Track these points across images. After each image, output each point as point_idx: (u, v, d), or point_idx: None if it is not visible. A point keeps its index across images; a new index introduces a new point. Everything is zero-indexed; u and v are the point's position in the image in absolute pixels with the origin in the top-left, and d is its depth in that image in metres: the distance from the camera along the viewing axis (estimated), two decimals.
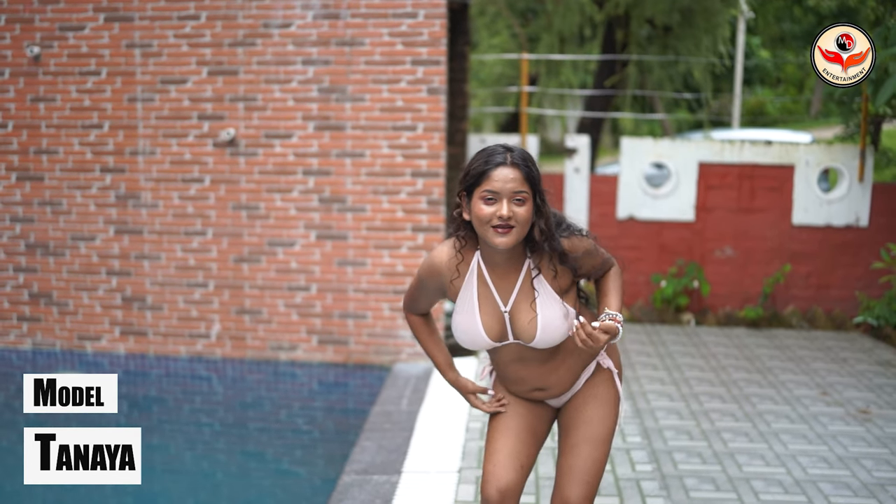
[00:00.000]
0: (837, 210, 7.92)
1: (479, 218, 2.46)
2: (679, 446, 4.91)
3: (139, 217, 6.58)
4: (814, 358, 6.85)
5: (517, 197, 2.44)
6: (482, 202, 2.45)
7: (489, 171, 2.44)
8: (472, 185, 2.48)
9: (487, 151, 2.51)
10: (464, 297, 2.62)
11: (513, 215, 2.43)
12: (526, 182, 2.45)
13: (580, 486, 2.71)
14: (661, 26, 11.01)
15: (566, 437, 2.78)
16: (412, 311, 2.89)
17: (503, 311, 2.60)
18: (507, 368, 2.74)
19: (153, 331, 6.67)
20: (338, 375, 6.53)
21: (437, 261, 2.65)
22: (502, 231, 2.45)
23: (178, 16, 6.36)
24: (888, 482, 4.43)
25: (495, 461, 2.69)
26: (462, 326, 2.62)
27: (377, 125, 6.37)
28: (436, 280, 2.67)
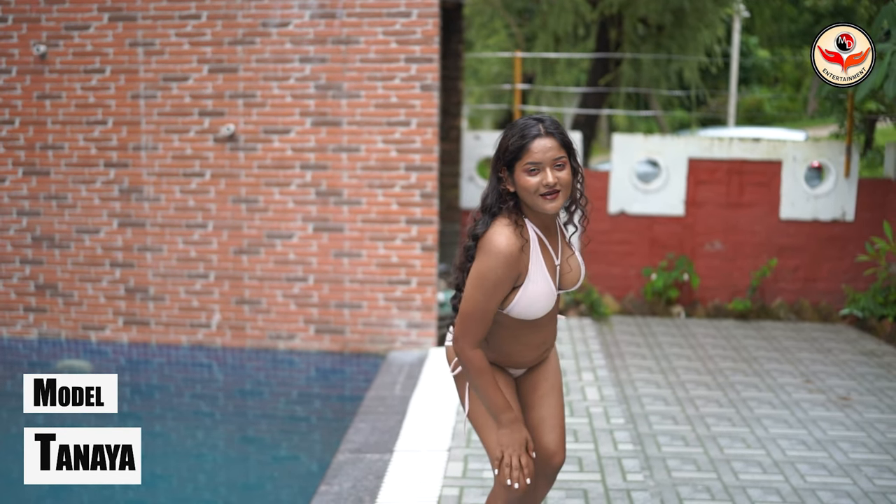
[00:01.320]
0: (824, 205, 8.08)
1: (526, 189, 2.63)
2: (663, 430, 5.08)
3: (142, 210, 6.77)
4: (799, 348, 7.01)
5: (557, 163, 2.63)
6: (526, 174, 2.62)
7: (527, 144, 2.61)
8: (512, 159, 2.65)
9: (520, 126, 2.66)
10: (535, 272, 2.71)
11: (557, 181, 2.63)
12: (562, 148, 2.65)
13: (555, 431, 2.96)
14: (654, 25, 11.17)
15: (534, 391, 2.97)
16: (476, 341, 2.71)
17: (557, 264, 2.79)
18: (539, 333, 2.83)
19: (155, 320, 6.86)
20: (334, 363, 6.71)
21: (510, 248, 2.63)
22: (551, 197, 2.64)
23: (179, 15, 6.54)
24: (863, 463, 4.61)
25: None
26: (538, 300, 2.71)
27: (372, 121, 6.55)
28: (515, 269, 2.66)
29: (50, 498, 4.65)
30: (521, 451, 2.73)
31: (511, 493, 2.80)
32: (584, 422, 5.06)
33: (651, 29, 11.25)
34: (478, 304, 2.66)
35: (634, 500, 3.99)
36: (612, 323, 7.80)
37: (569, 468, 4.35)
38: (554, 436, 2.97)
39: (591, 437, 4.82)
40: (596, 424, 5.04)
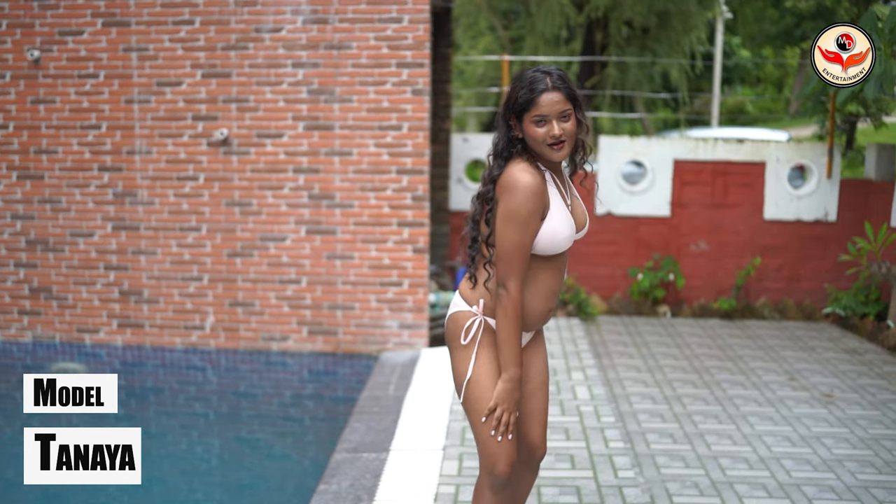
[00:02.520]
0: (807, 205, 8.24)
1: (534, 139, 2.79)
2: (652, 427, 5.19)
3: (136, 214, 6.83)
4: (783, 347, 7.15)
5: (563, 115, 2.78)
6: (534, 125, 2.77)
7: (535, 98, 2.75)
8: (521, 110, 2.78)
9: (529, 79, 2.79)
10: (556, 205, 2.86)
11: (563, 132, 2.78)
12: (568, 100, 2.78)
13: (540, 426, 3.12)
14: (639, 28, 11.31)
15: (525, 383, 3.07)
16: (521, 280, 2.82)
17: (567, 205, 2.90)
18: (556, 279, 2.94)
19: (149, 323, 6.92)
20: (327, 364, 6.79)
21: (535, 180, 2.77)
22: (557, 147, 2.79)
23: (173, 21, 6.61)
24: (846, 458, 4.74)
25: (503, 445, 2.93)
26: (562, 231, 2.84)
27: (364, 125, 6.64)
28: (542, 200, 2.79)
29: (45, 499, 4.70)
30: (513, 409, 2.88)
31: (495, 479, 2.94)
32: (576, 420, 5.16)
33: (636, 31, 11.39)
34: (514, 241, 2.77)
35: (626, 496, 4.10)
36: (599, 323, 7.92)
37: (561, 465, 4.46)
38: (539, 430, 3.12)
39: (583, 435, 4.93)
40: (587, 423, 5.15)
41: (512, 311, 2.81)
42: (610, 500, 4.06)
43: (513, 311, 2.82)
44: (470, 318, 2.97)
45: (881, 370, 6.44)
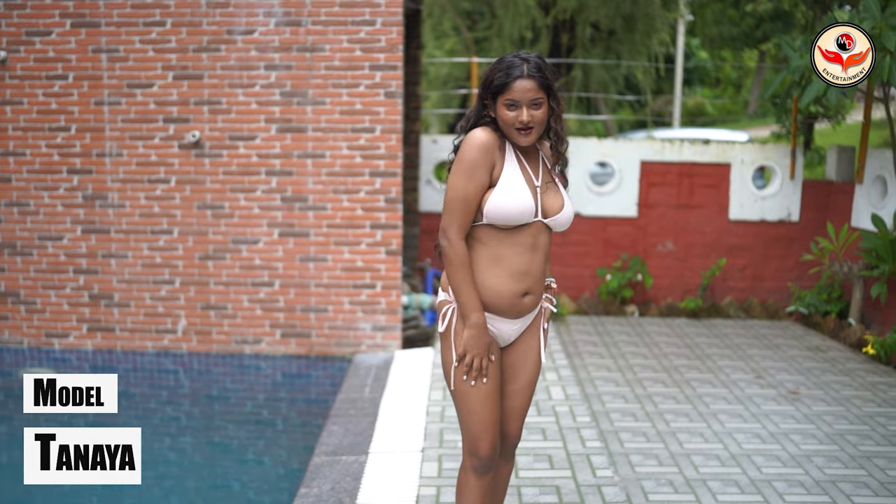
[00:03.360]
0: (771, 206, 8.40)
1: (503, 121, 2.90)
2: (625, 427, 5.28)
3: (106, 217, 6.77)
4: (749, 345, 7.29)
5: (534, 102, 2.87)
6: (505, 108, 2.88)
7: (510, 83, 2.85)
8: (496, 92, 2.89)
9: (506, 63, 2.90)
10: (509, 171, 2.94)
11: (531, 119, 2.87)
12: (541, 89, 2.88)
13: (519, 421, 3.21)
14: (605, 30, 11.43)
15: (514, 381, 3.15)
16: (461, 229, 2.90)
17: (536, 185, 2.97)
18: (521, 258, 2.98)
19: (120, 327, 6.86)
20: (300, 367, 6.79)
21: (486, 137, 2.90)
22: (524, 132, 2.90)
23: (143, 22, 6.56)
24: (813, 454, 4.86)
25: (485, 428, 3.02)
26: (512, 196, 2.90)
27: (337, 127, 6.65)
28: (489, 157, 2.89)
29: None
30: (483, 354, 2.95)
31: (478, 462, 3.04)
32: (552, 420, 5.23)
33: (602, 34, 11.51)
34: (458, 189, 2.88)
35: (605, 494, 4.17)
36: (568, 323, 8.01)
37: (540, 465, 4.52)
38: (517, 425, 3.22)
39: (560, 435, 4.99)
40: (563, 423, 5.21)
41: (455, 259, 2.91)
42: (589, 499, 4.13)
43: (457, 260, 2.91)
44: (445, 305, 3.06)
45: (844, 367, 6.60)
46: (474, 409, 3.05)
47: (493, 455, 3.06)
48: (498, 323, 3.06)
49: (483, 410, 3.04)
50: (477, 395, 3.04)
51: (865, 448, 4.94)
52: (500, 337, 3.10)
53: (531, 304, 3.06)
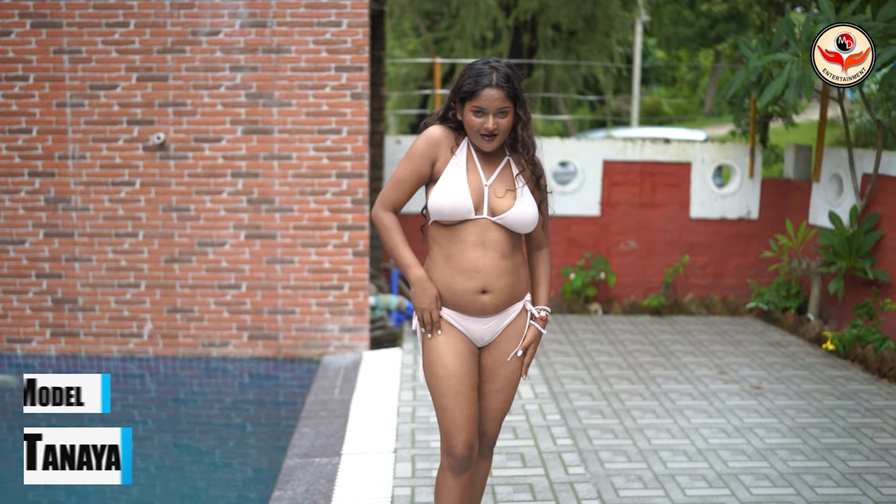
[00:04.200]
0: (731, 204, 8.54)
1: (469, 126, 3.00)
2: (593, 424, 5.35)
3: (69, 220, 6.69)
4: (712, 341, 7.41)
5: (501, 111, 2.96)
6: (472, 114, 2.97)
7: (478, 90, 2.94)
8: (464, 98, 2.98)
9: (476, 71, 2.98)
10: (452, 168, 3.04)
11: (496, 127, 2.97)
12: (508, 99, 2.96)
13: (497, 421, 3.27)
14: (566, 31, 11.53)
15: (492, 381, 3.20)
16: (386, 203, 3.10)
17: (485, 183, 3.04)
18: (467, 254, 3.05)
19: (85, 331, 6.79)
20: (268, 369, 6.77)
21: (437, 133, 3.07)
22: (488, 138, 2.99)
23: (106, 23, 6.49)
24: (777, 447, 4.97)
25: (458, 426, 3.07)
26: (449, 192, 3.01)
27: (303, 129, 6.64)
28: (433, 151, 3.05)
29: None
30: (431, 307, 3.06)
31: (453, 461, 3.09)
32: (522, 419, 5.29)
33: (563, 34, 11.61)
34: (396, 171, 3.09)
35: (578, 491, 4.24)
36: None
37: (512, 464, 4.57)
38: (494, 425, 3.28)
39: (531, 434, 5.05)
40: (533, 421, 5.27)
41: (381, 227, 3.10)
42: (563, 496, 4.19)
43: (382, 227, 3.09)
44: None
45: (804, 361, 6.74)
46: (446, 406, 3.09)
47: (469, 454, 3.09)
48: (464, 321, 3.12)
49: (454, 407, 3.08)
50: (447, 393, 3.09)
51: (827, 440, 5.07)
52: (472, 336, 3.15)
53: (493, 303, 3.10)
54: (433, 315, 3.07)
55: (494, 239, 3.04)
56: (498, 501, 4.13)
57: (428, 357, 3.14)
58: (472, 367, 3.14)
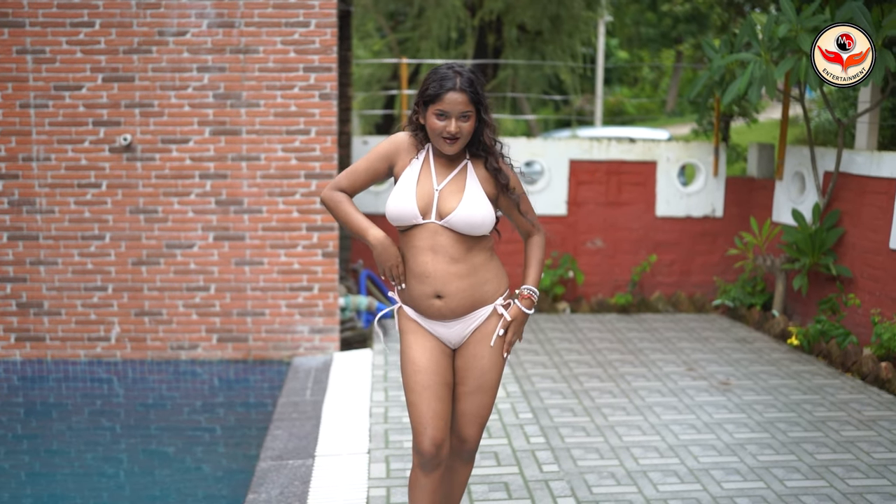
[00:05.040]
0: (696, 202, 8.64)
1: (432, 129, 3.06)
2: (565, 422, 5.38)
3: (34, 223, 6.59)
4: (679, 338, 7.49)
5: (463, 115, 3.02)
6: (435, 117, 3.03)
7: (442, 94, 3.00)
8: (427, 101, 3.04)
9: (440, 75, 3.05)
10: (406, 174, 3.12)
11: (458, 130, 3.02)
12: (471, 103, 3.03)
13: (474, 426, 3.28)
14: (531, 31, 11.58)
15: (463, 384, 3.23)
16: (337, 187, 3.19)
17: (435, 188, 3.10)
18: (417, 259, 3.11)
19: (50, 336, 6.69)
20: (238, 372, 6.72)
21: (401, 138, 3.19)
22: (450, 142, 3.05)
23: (70, 22, 6.40)
24: (746, 441, 5.04)
25: (424, 422, 3.10)
26: (398, 196, 3.09)
27: (272, 129, 6.61)
28: (393, 154, 3.16)
29: None
30: (394, 262, 3.13)
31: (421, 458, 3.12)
32: (495, 418, 5.31)
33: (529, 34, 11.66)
34: (355, 163, 3.20)
35: (553, 489, 4.27)
36: None
37: (487, 463, 4.59)
38: (471, 430, 3.28)
39: (504, 433, 5.08)
40: (506, 420, 5.30)
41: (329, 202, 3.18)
42: (538, 493, 4.22)
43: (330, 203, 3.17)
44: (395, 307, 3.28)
45: (770, 357, 6.84)
46: (414, 401, 3.13)
47: (436, 452, 3.11)
48: (428, 324, 3.19)
49: (421, 402, 3.11)
50: (415, 388, 3.14)
51: (794, 434, 5.15)
52: (442, 338, 3.21)
53: (449, 307, 3.13)
54: (399, 269, 3.13)
55: (443, 243, 3.08)
56: (474, 500, 4.14)
57: (402, 356, 3.23)
58: (442, 365, 3.17)
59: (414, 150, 3.15)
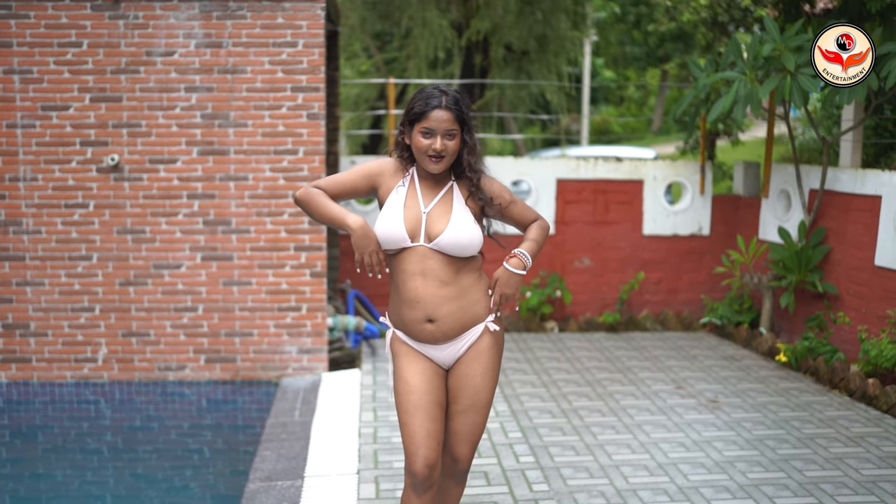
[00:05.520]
0: (682, 220, 8.68)
1: (417, 147, 3.09)
2: (554, 441, 5.37)
3: (21, 243, 6.56)
4: (668, 356, 7.50)
5: (449, 133, 3.07)
6: (421, 135, 3.07)
7: (428, 112, 3.05)
8: (413, 120, 3.07)
9: (426, 94, 3.10)
10: (392, 198, 3.13)
11: (444, 148, 3.06)
12: (456, 122, 3.08)
13: (467, 445, 3.28)
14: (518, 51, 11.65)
15: (455, 402, 3.24)
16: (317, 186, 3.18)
17: (423, 211, 3.11)
18: (408, 285, 3.12)
19: (37, 357, 6.65)
20: (226, 392, 6.69)
21: (386, 162, 3.22)
22: (435, 160, 3.07)
23: (58, 42, 6.40)
24: (736, 459, 5.04)
25: (417, 443, 3.10)
26: (386, 220, 3.09)
27: (259, 149, 6.61)
28: (377, 175, 3.19)
29: None
30: (374, 248, 3.10)
31: (414, 479, 3.10)
32: (484, 437, 5.30)
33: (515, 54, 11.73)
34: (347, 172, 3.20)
35: None
36: None
37: (477, 483, 4.58)
38: (463, 449, 3.29)
39: (493, 452, 5.07)
40: (495, 439, 5.29)
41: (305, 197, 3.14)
42: None
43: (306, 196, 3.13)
44: (387, 331, 3.28)
45: (758, 374, 6.86)
46: (407, 422, 3.13)
47: (428, 474, 3.10)
48: (421, 347, 3.21)
49: (414, 423, 3.10)
50: (408, 408, 3.13)
51: (783, 451, 5.16)
52: (436, 360, 3.21)
53: (441, 330, 3.15)
54: (379, 255, 3.10)
55: (433, 267, 3.10)
56: None
57: (394, 377, 3.23)
58: (435, 385, 3.17)
59: (400, 175, 3.17)
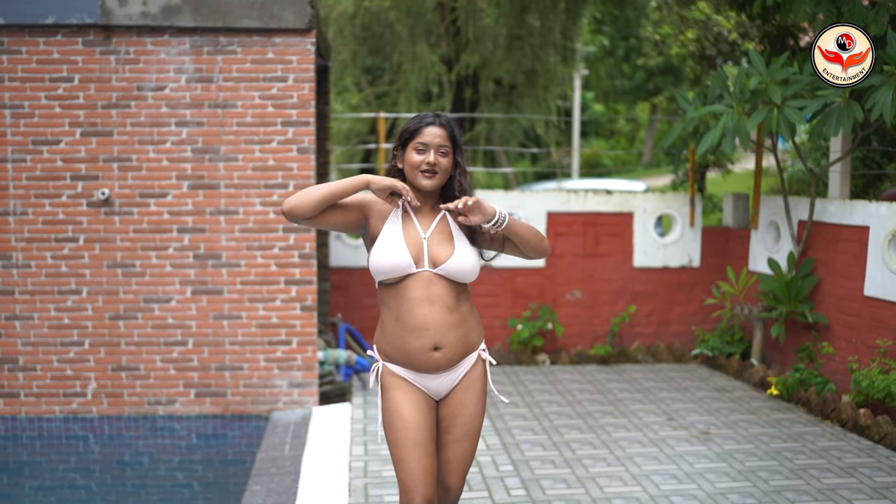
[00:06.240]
0: (673, 253, 8.71)
1: (411, 164, 3.13)
2: (546, 474, 5.35)
3: (10, 278, 6.54)
4: (659, 388, 7.50)
5: (442, 150, 3.13)
6: (415, 152, 3.12)
7: (422, 128, 3.13)
8: (407, 139, 3.14)
9: (420, 115, 3.20)
10: (388, 228, 3.13)
11: (437, 163, 3.12)
12: (449, 140, 3.15)
13: (458, 474, 3.29)
14: (507, 85, 11.76)
15: (449, 432, 3.24)
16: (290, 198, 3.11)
17: (423, 237, 3.13)
18: (414, 312, 3.11)
19: (25, 392, 6.60)
20: (216, 427, 6.64)
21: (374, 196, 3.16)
22: (429, 175, 3.12)
23: (49, 77, 6.43)
24: (728, 491, 5.03)
25: (415, 479, 3.07)
26: (386, 249, 3.09)
27: (250, 183, 6.63)
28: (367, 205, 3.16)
29: None
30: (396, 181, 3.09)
31: None
32: (475, 470, 5.27)
33: (505, 88, 11.84)
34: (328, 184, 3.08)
35: None
36: None
37: None
38: (455, 478, 3.29)
39: (484, 485, 5.04)
40: (486, 472, 5.26)
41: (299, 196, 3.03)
42: None
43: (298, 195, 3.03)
44: (374, 364, 3.25)
45: (750, 406, 6.85)
46: (404, 458, 3.10)
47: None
48: (419, 378, 3.17)
49: (411, 460, 3.08)
50: (405, 444, 3.11)
51: (776, 483, 5.14)
52: (429, 391, 3.18)
53: (446, 357, 3.15)
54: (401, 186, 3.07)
55: (439, 293, 3.10)
56: None
57: (386, 411, 3.17)
58: (430, 419, 3.16)
59: (389, 207, 3.18)
